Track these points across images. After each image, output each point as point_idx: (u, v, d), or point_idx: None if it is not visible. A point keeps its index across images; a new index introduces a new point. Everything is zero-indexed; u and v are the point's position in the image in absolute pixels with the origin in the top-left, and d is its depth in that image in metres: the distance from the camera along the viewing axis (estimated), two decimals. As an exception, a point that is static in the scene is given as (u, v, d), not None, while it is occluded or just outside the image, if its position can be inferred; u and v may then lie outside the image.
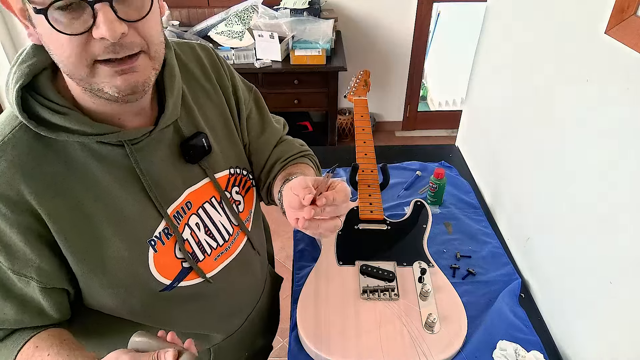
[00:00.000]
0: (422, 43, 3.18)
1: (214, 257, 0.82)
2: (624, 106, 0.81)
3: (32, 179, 0.63)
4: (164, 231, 0.74)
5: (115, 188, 0.69)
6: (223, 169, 0.82)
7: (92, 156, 0.66)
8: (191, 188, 0.77)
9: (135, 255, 0.71)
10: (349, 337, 0.95)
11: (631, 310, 0.81)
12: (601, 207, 0.88)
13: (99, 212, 0.68)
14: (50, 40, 0.57)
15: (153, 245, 0.73)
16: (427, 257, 1.12)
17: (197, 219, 0.79)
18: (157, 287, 0.75)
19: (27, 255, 0.65)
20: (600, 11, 0.86)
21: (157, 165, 0.72)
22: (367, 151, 1.32)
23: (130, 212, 0.70)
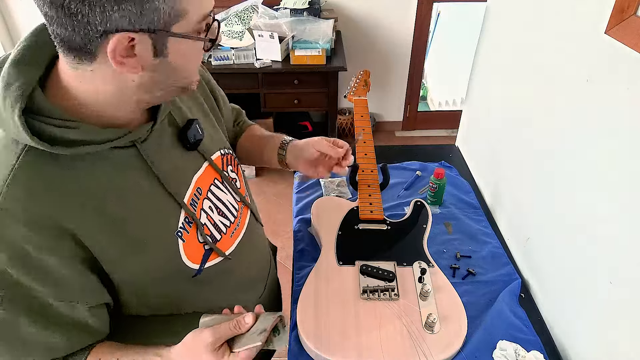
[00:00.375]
0: (422, 43, 3.18)
1: (229, 235, 0.86)
2: (624, 106, 0.81)
3: (56, 201, 0.61)
4: (186, 220, 0.76)
5: (134, 190, 0.69)
6: (215, 152, 0.86)
7: (106, 163, 0.66)
8: (197, 174, 0.80)
9: (169, 249, 0.74)
10: (349, 337, 0.95)
11: (631, 310, 0.81)
12: (601, 207, 0.88)
13: (126, 217, 0.68)
14: (188, 59, 0.64)
15: (180, 236, 0.75)
16: (427, 257, 1.12)
17: (209, 203, 0.81)
18: (190, 274, 0.78)
19: (70, 280, 0.65)
20: (600, 11, 0.86)
21: (165, 159, 0.74)
22: (367, 151, 1.32)
23: (154, 210, 0.72)
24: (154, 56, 0.60)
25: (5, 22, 2.99)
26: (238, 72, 2.61)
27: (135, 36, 0.57)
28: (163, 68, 0.62)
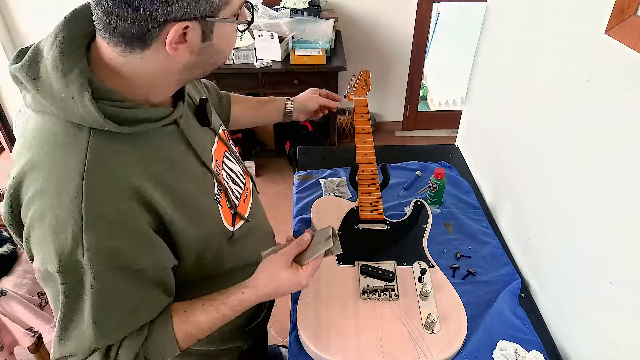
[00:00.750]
0: (422, 43, 3.18)
1: (243, 200, 0.94)
2: (624, 106, 0.81)
3: (130, 174, 0.66)
4: (218, 188, 0.84)
5: (181, 162, 0.76)
6: (219, 127, 0.93)
7: (157, 140, 0.72)
8: (213, 148, 0.87)
9: (215, 214, 0.82)
10: (349, 337, 0.95)
11: (631, 310, 0.81)
12: (601, 207, 0.88)
13: (181, 187, 0.74)
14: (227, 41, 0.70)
15: (218, 202, 0.83)
16: (427, 257, 1.12)
17: (225, 173, 0.89)
18: (228, 235, 0.86)
19: (154, 244, 0.70)
20: (600, 11, 0.86)
21: (195, 134, 0.81)
22: (367, 151, 1.32)
23: (198, 180, 0.79)
24: (202, 41, 0.66)
25: (5, 22, 2.99)
26: (238, 72, 2.61)
27: (190, 24, 0.62)
28: (208, 51, 0.68)
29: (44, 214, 0.62)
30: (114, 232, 0.64)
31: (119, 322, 0.71)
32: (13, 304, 1.54)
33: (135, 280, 0.70)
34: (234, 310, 0.80)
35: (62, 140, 0.64)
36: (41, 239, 0.64)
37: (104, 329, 0.69)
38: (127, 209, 0.65)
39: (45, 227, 0.63)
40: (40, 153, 0.64)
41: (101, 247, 0.63)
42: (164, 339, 0.75)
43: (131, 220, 0.66)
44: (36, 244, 0.65)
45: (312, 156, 1.63)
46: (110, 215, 0.64)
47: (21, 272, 1.66)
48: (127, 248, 0.66)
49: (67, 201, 0.62)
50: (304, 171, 1.53)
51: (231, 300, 0.80)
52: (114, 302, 0.69)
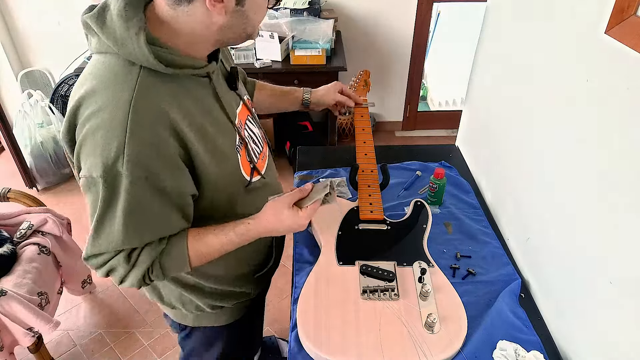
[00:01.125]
0: (422, 43, 3.18)
1: (261, 159, 1.06)
2: (624, 106, 0.81)
3: (169, 106, 0.79)
4: (239, 141, 0.95)
5: (210, 109, 0.88)
6: (244, 95, 1.05)
7: (193, 86, 0.85)
8: (238, 109, 0.99)
9: (234, 160, 0.93)
10: (349, 337, 0.95)
11: (631, 310, 0.81)
12: (601, 207, 0.88)
13: (209, 130, 0.86)
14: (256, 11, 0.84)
15: (238, 151, 0.95)
16: (427, 257, 1.12)
17: (247, 132, 1.00)
18: (244, 183, 0.98)
19: (181, 171, 0.83)
20: (600, 11, 0.86)
21: (223, 91, 0.94)
22: (367, 151, 1.32)
23: (223, 128, 0.91)
24: (236, 4, 0.79)
25: (5, 22, 2.99)
26: (238, 72, 2.61)
27: None
28: (239, 15, 0.81)
29: (97, 129, 0.76)
30: (149, 152, 0.77)
31: (143, 230, 0.83)
32: (13, 304, 1.54)
33: (160, 197, 0.82)
34: (240, 238, 0.93)
35: (118, 73, 0.78)
36: (91, 149, 0.77)
37: (130, 233, 0.81)
38: (162, 134, 0.78)
39: (96, 139, 0.76)
40: (99, 83, 0.78)
41: (138, 161, 0.76)
42: (179, 252, 0.89)
43: (164, 145, 0.78)
44: (86, 154, 0.78)
45: (312, 156, 1.63)
46: (148, 136, 0.77)
47: (21, 272, 1.66)
48: (158, 168, 0.79)
49: (116, 121, 0.75)
50: (304, 171, 1.53)
51: (239, 228, 0.92)
52: (141, 212, 0.81)
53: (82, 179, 0.80)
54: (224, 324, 1.16)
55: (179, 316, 1.14)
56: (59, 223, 1.91)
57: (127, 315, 2.16)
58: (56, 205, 2.83)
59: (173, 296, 1.08)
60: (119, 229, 0.80)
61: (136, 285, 0.88)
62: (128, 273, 0.86)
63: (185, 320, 1.15)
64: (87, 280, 2.12)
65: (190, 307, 1.09)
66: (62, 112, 3.01)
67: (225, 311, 1.14)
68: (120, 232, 0.81)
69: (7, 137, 2.69)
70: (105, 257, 0.85)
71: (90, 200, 0.81)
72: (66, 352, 2.00)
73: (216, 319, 1.15)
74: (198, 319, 1.14)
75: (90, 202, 0.81)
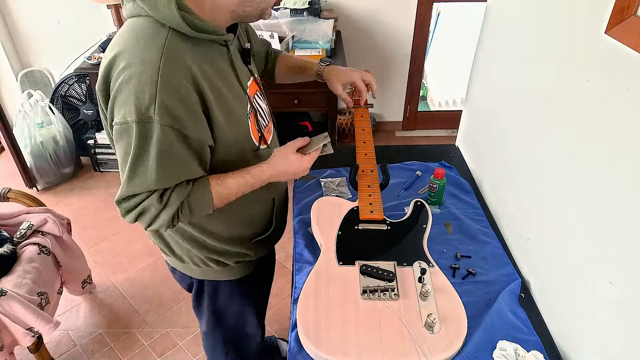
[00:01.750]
0: (422, 43, 3.18)
1: (267, 131, 1.15)
2: (624, 106, 0.81)
3: (191, 63, 0.89)
4: (249, 108, 1.05)
5: (226, 75, 0.99)
6: (256, 72, 1.16)
7: (213, 51, 0.96)
8: (249, 82, 1.08)
9: (245, 123, 1.04)
10: (349, 337, 0.95)
11: (631, 310, 0.81)
12: (601, 206, 0.88)
13: (225, 91, 0.97)
14: None
15: (248, 117, 1.05)
16: (427, 257, 1.12)
17: (255, 105, 1.10)
18: (253, 148, 1.08)
19: (201, 121, 0.92)
20: (600, 11, 0.86)
21: (238, 62, 1.04)
22: (367, 151, 1.32)
23: (236, 93, 1.01)
24: None
25: (5, 22, 2.99)
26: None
27: None
28: None
29: (130, 79, 0.85)
30: (177, 101, 0.87)
31: (173, 172, 0.92)
32: (13, 304, 1.54)
33: (185, 143, 0.91)
34: (255, 179, 1.03)
35: (149, 33, 0.88)
36: (125, 97, 0.86)
37: (162, 174, 0.90)
38: (187, 86, 0.88)
39: (131, 88, 0.85)
40: (133, 41, 0.88)
41: (167, 109, 0.86)
42: (203, 194, 0.98)
43: (188, 95, 0.88)
44: (120, 102, 0.87)
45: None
46: (176, 87, 0.86)
47: (21, 272, 1.66)
48: (184, 116, 0.88)
49: (149, 72, 0.85)
50: (304, 171, 1.53)
51: (253, 171, 1.03)
52: (170, 155, 0.90)
53: (115, 127, 0.90)
54: (226, 278, 1.26)
55: (188, 270, 1.25)
56: (59, 223, 1.91)
57: (127, 315, 2.16)
58: (56, 205, 2.83)
59: (182, 250, 1.19)
60: (153, 170, 0.90)
61: (165, 226, 0.97)
62: (159, 213, 0.95)
63: (194, 273, 1.26)
64: (87, 280, 2.12)
65: (197, 261, 1.20)
66: (62, 112, 3.01)
67: (229, 269, 1.24)
68: (154, 173, 0.90)
69: (7, 137, 2.69)
70: (139, 199, 0.93)
71: (123, 146, 0.90)
72: (66, 352, 2.00)
73: (220, 274, 1.25)
74: (204, 274, 1.25)
75: (124, 148, 0.90)
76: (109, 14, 2.94)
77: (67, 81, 2.99)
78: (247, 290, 1.33)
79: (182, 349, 2.00)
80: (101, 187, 2.99)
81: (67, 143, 2.95)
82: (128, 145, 0.89)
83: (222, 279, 1.26)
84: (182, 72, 0.88)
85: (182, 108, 0.88)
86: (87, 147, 3.02)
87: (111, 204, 2.83)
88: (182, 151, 0.91)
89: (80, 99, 3.05)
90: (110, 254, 2.48)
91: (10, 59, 3.05)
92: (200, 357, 1.97)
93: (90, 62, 2.64)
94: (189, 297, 2.22)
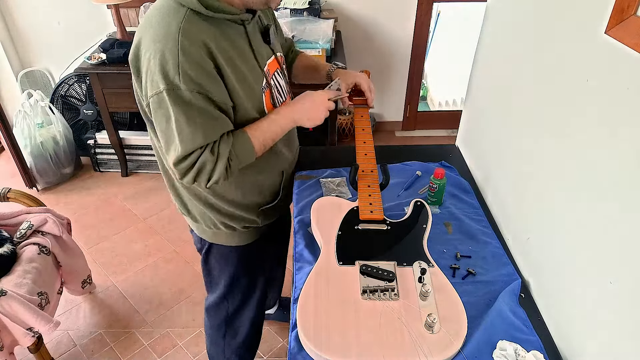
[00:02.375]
0: (422, 43, 3.18)
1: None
2: (624, 106, 0.81)
3: (208, 38, 1.01)
4: (265, 84, 1.16)
5: (243, 51, 1.10)
6: (278, 52, 1.26)
7: (229, 30, 1.07)
8: (268, 61, 1.19)
9: (259, 96, 1.15)
10: (349, 337, 0.95)
11: (631, 310, 0.81)
12: (602, 206, 0.88)
13: (241, 66, 1.08)
14: None
15: (263, 92, 1.16)
16: (427, 257, 1.12)
17: (273, 82, 1.20)
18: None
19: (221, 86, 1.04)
20: (600, 11, 0.86)
21: (256, 41, 1.15)
22: (367, 151, 1.32)
23: (252, 68, 1.12)
24: None
25: (5, 22, 2.99)
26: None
27: None
28: None
29: (156, 54, 0.98)
30: (197, 68, 0.99)
31: (213, 126, 1.04)
32: (13, 304, 1.54)
33: (212, 104, 1.04)
34: (285, 117, 1.17)
35: (170, 13, 1.00)
36: (154, 71, 0.99)
37: (206, 129, 1.03)
38: (204, 56, 1.00)
39: (157, 62, 0.98)
40: (156, 19, 1.01)
41: (190, 76, 0.98)
42: (244, 141, 1.11)
43: (206, 64, 1.00)
44: (151, 77, 1.00)
45: (312, 156, 1.63)
46: (195, 57, 0.98)
47: (21, 272, 1.66)
48: (205, 82, 1.00)
49: (169, 45, 0.98)
50: (304, 171, 1.53)
51: (282, 110, 1.18)
52: (205, 113, 1.03)
53: (151, 99, 1.02)
54: (235, 244, 1.38)
55: (201, 230, 1.37)
56: (59, 223, 1.91)
57: (127, 315, 2.16)
58: (56, 205, 2.83)
59: (197, 211, 1.31)
60: (197, 128, 1.02)
61: (222, 177, 1.08)
62: (215, 165, 1.06)
63: (205, 235, 1.38)
64: (87, 280, 2.12)
65: (209, 223, 1.32)
66: (62, 112, 3.01)
67: (237, 233, 1.36)
68: (199, 130, 1.02)
69: (7, 137, 2.69)
70: (194, 156, 1.05)
71: (163, 115, 1.03)
72: (66, 352, 2.00)
73: (229, 239, 1.37)
74: (215, 236, 1.37)
75: (165, 116, 1.02)
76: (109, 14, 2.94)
77: (67, 81, 2.99)
78: (253, 259, 1.45)
79: (182, 349, 2.01)
80: (101, 187, 2.99)
81: (67, 143, 2.95)
82: (167, 113, 1.02)
83: (230, 244, 1.38)
84: (198, 45, 0.99)
85: (204, 76, 1.00)
86: (87, 147, 3.02)
87: (111, 204, 2.83)
88: (213, 110, 1.04)
89: (80, 99, 3.05)
90: (110, 254, 2.48)
91: (10, 59, 3.05)
92: (200, 357, 1.97)
93: (90, 62, 2.64)
94: (189, 297, 2.23)
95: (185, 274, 2.36)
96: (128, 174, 3.09)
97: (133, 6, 2.91)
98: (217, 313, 1.54)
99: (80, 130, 3.10)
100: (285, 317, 2.03)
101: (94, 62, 2.64)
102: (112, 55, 2.63)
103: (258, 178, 1.28)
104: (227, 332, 1.57)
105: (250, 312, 1.54)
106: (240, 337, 1.58)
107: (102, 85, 2.69)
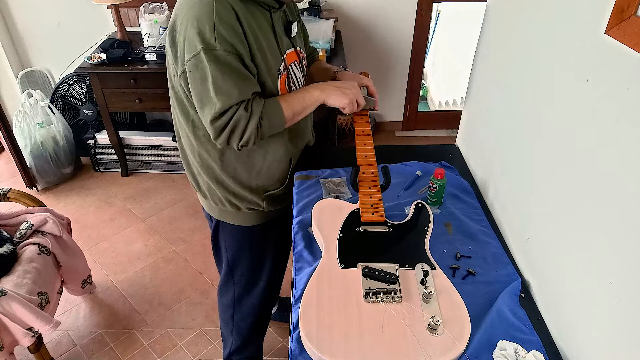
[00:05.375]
0: (422, 43, 3.18)
1: None
2: (624, 106, 0.81)
3: (240, 13, 1.10)
4: (282, 68, 1.24)
5: (266, 31, 1.18)
6: (298, 46, 1.34)
7: (257, 13, 1.16)
8: (287, 51, 1.27)
9: (276, 77, 1.22)
10: (351, 339, 0.95)
11: (631, 310, 0.81)
12: (602, 206, 0.88)
13: (264, 46, 1.17)
14: None
15: (280, 74, 1.23)
16: (429, 259, 1.12)
17: (290, 68, 1.27)
18: None
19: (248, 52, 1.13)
20: (600, 11, 0.86)
21: (279, 29, 1.24)
22: (368, 153, 1.32)
23: (273, 48, 1.21)
24: None
25: (5, 22, 2.99)
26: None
27: None
28: None
29: (193, 21, 1.07)
30: (231, 31, 1.08)
31: (247, 84, 1.13)
32: (13, 304, 1.54)
33: (244, 65, 1.12)
34: (314, 87, 1.27)
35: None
36: (190, 35, 1.08)
37: (240, 87, 1.11)
38: (236, 23, 1.09)
39: (194, 27, 1.07)
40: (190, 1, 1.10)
41: (225, 37, 1.07)
42: (273, 105, 1.18)
43: (238, 27, 1.09)
44: (188, 42, 1.09)
45: (312, 156, 1.63)
46: (228, 21, 1.07)
47: (21, 272, 1.66)
48: (238, 45, 1.09)
49: (205, 10, 1.07)
50: (304, 171, 1.53)
51: (311, 86, 1.27)
52: (240, 72, 1.11)
53: (188, 63, 1.10)
54: (240, 224, 1.45)
55: (209, 207, 1.46)
56: (59, 223, 1.91)
57: (127, 315, 2.16)
58: (56, 205, 2.83)
59: (206, 187, 1.39)
60: (232, 86, 1.10)
61: (253, 136, 1.15)
62: (248, 122, 1.13)
63: (213, 212, 1.46)
64: (87, 280, 2.12)
65: (216, 199, 1.40)
66: (62, 112, 3.01)
67: (241, 213, 1.42)
68: (234, 87, 1.10)
69: (7, 137, 2.69)
70: (230, 113, 1.12)
71: (200, 76, 1.10)
72: (66, 352, 2.00)
73: (235, 218, 1.44)
74: (221, 214, 1.44)
75: (201, 76, 1.10)
76: (109, 14, 2.94)
77: (67, 81, 2.99)
78: (256, 242, 1.51)
79: (182, 349, 2.01)
80: (101, 187, 2.99)
81: (67, 143, 2.95)
82: (204, 73, 1.09)
83: (235, 224, 1.45)
84: (231, 13, 1.08)
85: (237, 39, 1.09)
86: (87, 147, 3.02)
87: (111, 204, 2.83)
88: (244, 71, 1.12)
89: (80, 99, 3.05)
90: (110, 254, 2.49)
91: (10, 59, 3.05)
92: (200, 357, 1.97)
93: (90, 62, 2.64)
94: (189, 297, 2.23)
95: (185, 274, 2.36)
96: (128, 174, 3.09)
97: (133, 6, 2.91)
98: (226, 293, 1.62)
99: (80, 130, 3.10)
100: (285, 317, 2.04)
101: (94, 62, 2.64)
102: (112, 55, 2.63)
103: (267, 164, 1.34)
104: (234, 313, 1.65)
105: (254, 299, 1.60)
106: (248, 320, 1.66)
107: (102, 85, 2.69)
